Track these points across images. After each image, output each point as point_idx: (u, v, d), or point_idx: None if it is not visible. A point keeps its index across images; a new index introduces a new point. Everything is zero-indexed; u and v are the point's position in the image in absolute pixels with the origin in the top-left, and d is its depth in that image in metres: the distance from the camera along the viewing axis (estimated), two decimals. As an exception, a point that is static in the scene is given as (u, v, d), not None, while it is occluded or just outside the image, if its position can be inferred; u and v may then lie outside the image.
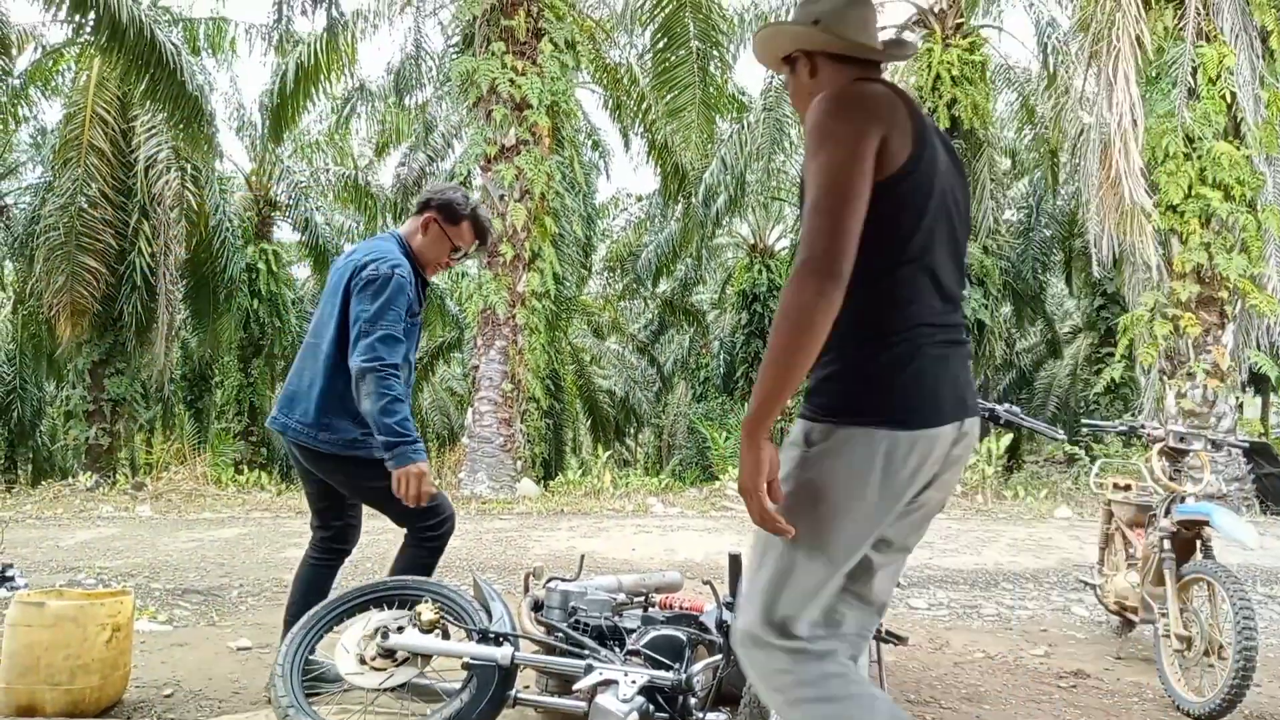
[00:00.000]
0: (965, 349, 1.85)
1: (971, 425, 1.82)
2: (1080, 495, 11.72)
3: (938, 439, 1.73)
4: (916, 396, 1.73)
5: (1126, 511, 4.50)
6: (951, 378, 1.78)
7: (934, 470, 1.77)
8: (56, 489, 13.00)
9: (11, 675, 2.97)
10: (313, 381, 3.04)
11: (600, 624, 2.91)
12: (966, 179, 1.92)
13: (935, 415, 1.73)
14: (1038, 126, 16.57)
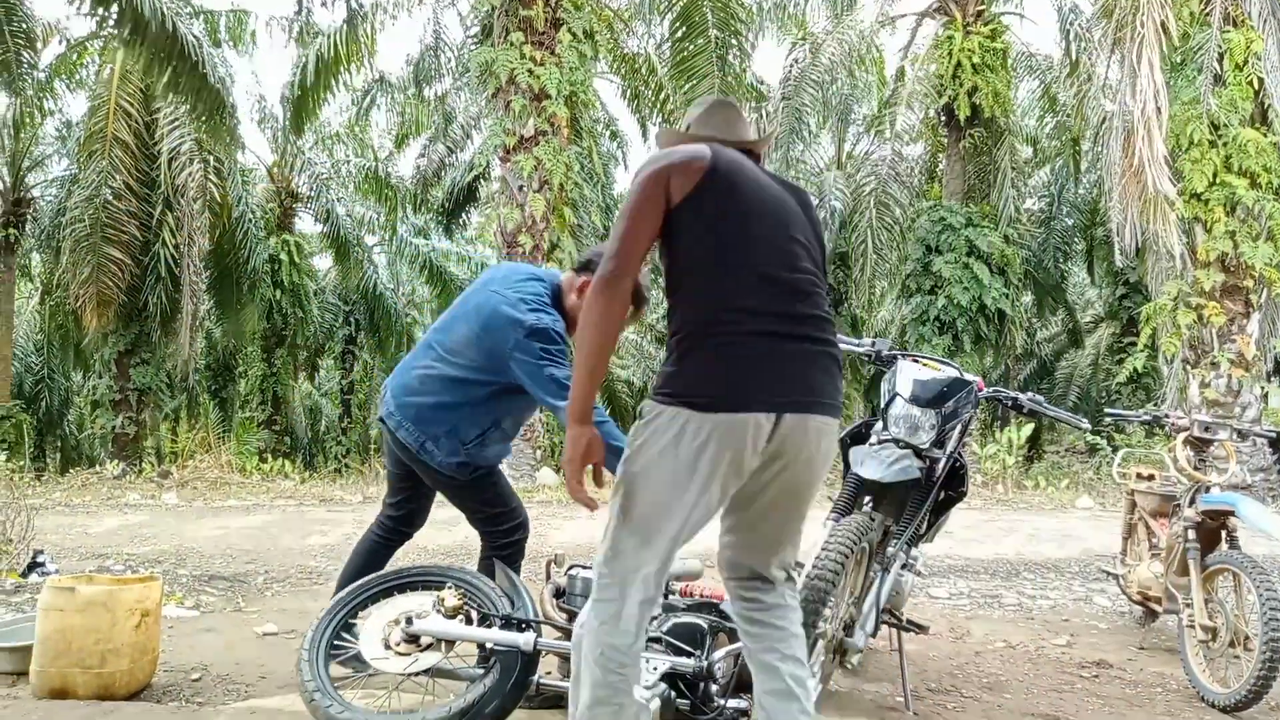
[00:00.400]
0: (813, 350, 2.04)
1: (799, 421, 1.99)
2: (1102, 485, 11.64)
3: (738, 424, 1.93)
4: (718, 384, 1.95)
5: (1150, 501, 4.47)
6: (776, 371, 1.98)
7: (751, 457, 1.96)
8: (84, 477, 13.18)
9: (44, 658, 3.02)
10: (438, 397, 3.05)
11: None
12: (802, 200, 2.19)
13: (738, 403, 1.94)
14: (1059, 114, 16.38)
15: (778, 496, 2.09)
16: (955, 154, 13.72)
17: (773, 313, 2.00)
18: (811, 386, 2.03)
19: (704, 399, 1.95)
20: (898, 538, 2.90)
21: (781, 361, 2.00)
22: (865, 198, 14.22)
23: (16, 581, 5.04)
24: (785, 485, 2.07)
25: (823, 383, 2.05)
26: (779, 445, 1.99)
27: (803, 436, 2.01)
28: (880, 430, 2.95)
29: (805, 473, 2.07)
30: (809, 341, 2.04)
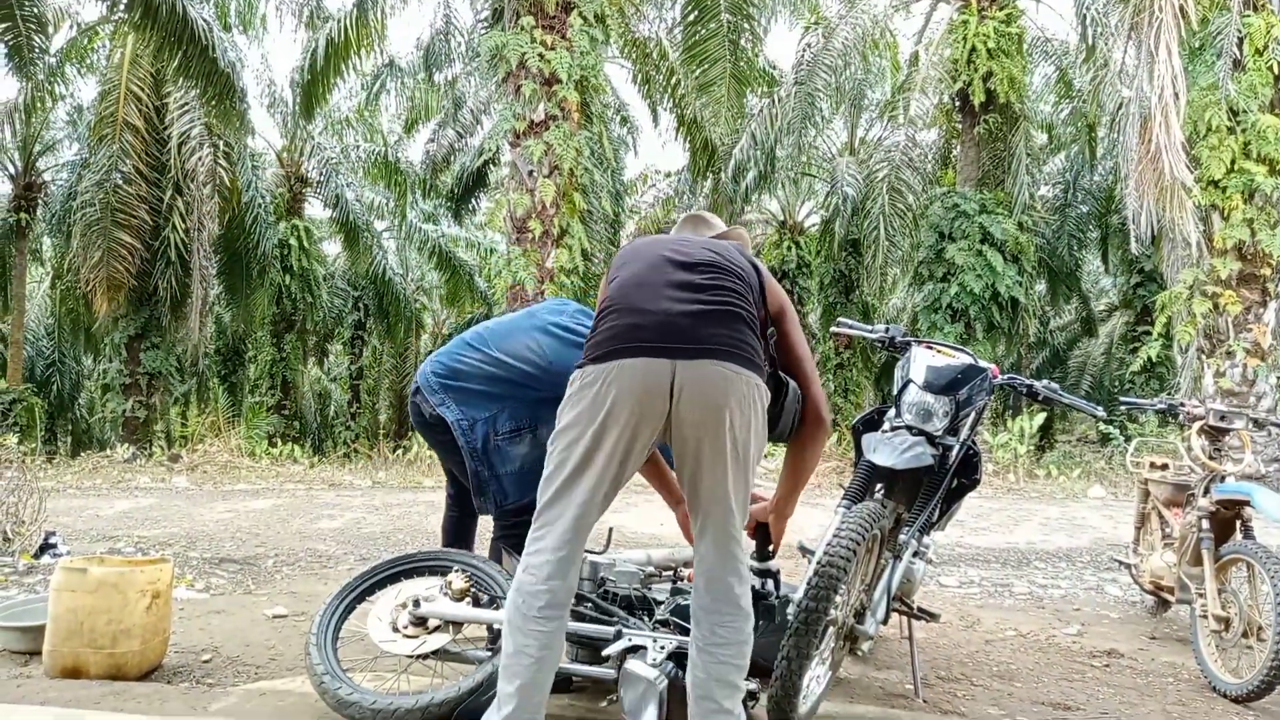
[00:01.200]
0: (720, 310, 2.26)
1: (666, 364, 2.18)
2: (1114, 475, 11.58)
3: (619, 368, 2.19)
4: (603, 345, 2.25)
5: (1164, 491, 4.44)
6: (643, 329, 2.23)
7: (637, 397, 2.17)
8: (95, 460, 13.26)
9: (57, 638, 3.04)
10: (486, 387, 3.30)
11: (629, 594, 2.92)
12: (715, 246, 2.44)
13: (611, 355, 2.21)
14: (1075, 100, 16.22)
15: (688, 433, 2.22)
16: (969, 140, 13.60)
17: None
18: (687, 330, 2.22)
19: (595, 355, 2.25)
20: (910, 525, 2.88)
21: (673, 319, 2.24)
22: (878, 184, 14.12)
23: (29, 562, 5.07)
24: (688, 421, 2.21)
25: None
26: (682, 384, 2.17)
27: (691, 379, 2.20)
28: (893, 417, 2.92)
29: (702, 412, 2.20)
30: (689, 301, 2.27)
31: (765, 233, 20.94)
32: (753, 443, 2.24)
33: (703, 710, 2.24)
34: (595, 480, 2.22)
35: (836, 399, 17.33)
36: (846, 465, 12.06)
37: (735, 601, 2.25)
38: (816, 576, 2.41)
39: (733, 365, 2.20)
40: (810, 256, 18.69)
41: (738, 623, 2.25)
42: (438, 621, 2.78)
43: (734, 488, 2.23)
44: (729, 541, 2.25)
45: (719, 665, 2.22)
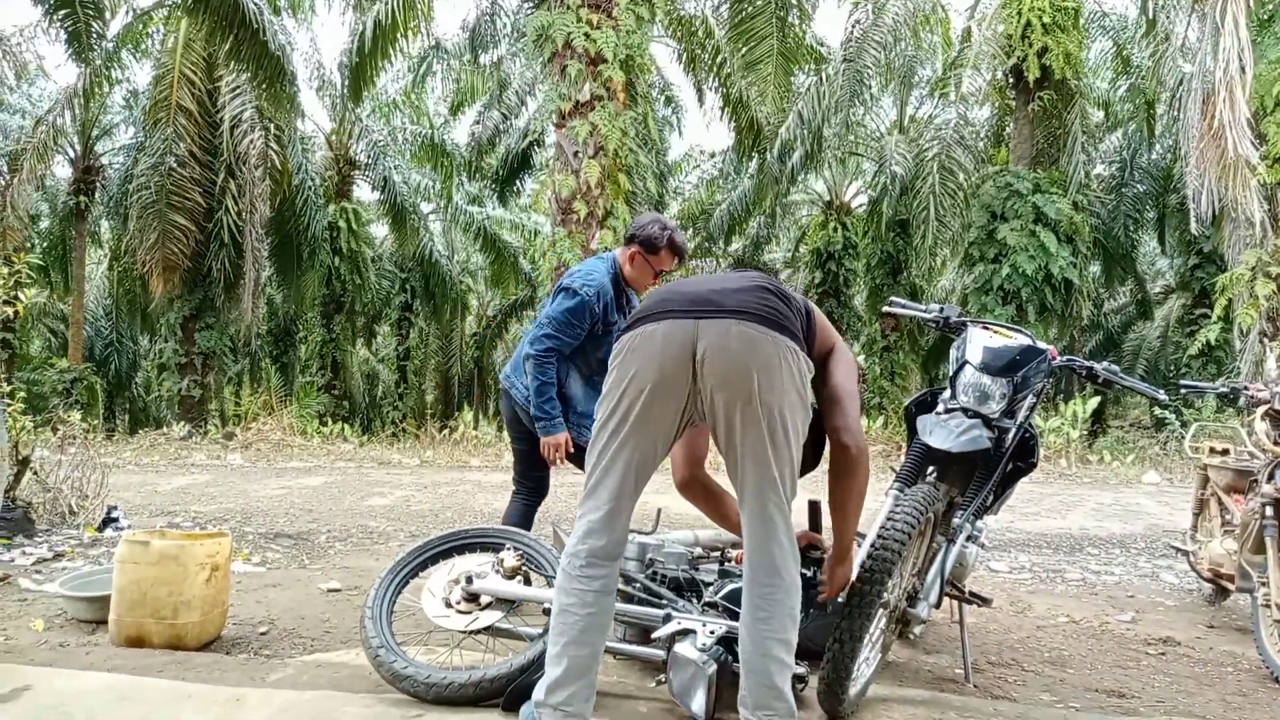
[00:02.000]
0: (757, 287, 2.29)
1: (690, 324, 2.19)
2: (1169, 460, 11.32)
3: (641, 334, 2.23)
4: (634, 317, 2.31)
5: (1224, 476, 4.32)
6: (670, 301, 2.26)
7: (660, 356, 2.18)
8: (153, 437, 13.63)
9: (121, 608, 3.13)
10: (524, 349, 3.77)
11: (677, 576, 2.93)
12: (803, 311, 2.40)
13: (639, 322, 2.27)
14: (1133, 76, 15.77)
15: (714, 400, 2.21)
16: (1023, 117, 13.30)
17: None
18: (709, 298, 2.24)
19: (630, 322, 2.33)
20: (963, 509, 2.84)
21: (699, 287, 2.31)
22: (928, 163, 13.87)
23: (93, 535, 5.23)
24: (712, 384, 2.20)
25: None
26: (707, 345, 2.16)
27: (715, 336, 2.18)
28: (948, 399, 2.87)
29: (728, 371, 2.18)
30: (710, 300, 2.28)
31: (810, 213, 20.73)
32: (787, 408, 2.18)
33: (753, 685, 2.24)
34: (631, 444, 2.23)
35: (883, 382, 17.14)
36: (894, 449, 11.95)
37: (777, 572, 2.22)
38: (870, 559, 2.39)
39: (759, 326, 2.17)
40: (857, 237, 18.46)
41: (780, 594, 2.22)
42: (490, 598, 2.81)
43: (771, 453, 2.18)
44: (768, 507, 2.21)
45: (765, 639, 2.21)
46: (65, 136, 16.32)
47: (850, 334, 19.10)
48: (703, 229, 20.24)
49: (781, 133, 14.19)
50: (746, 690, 2.25)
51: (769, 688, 2.21)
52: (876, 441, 12.77)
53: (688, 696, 2.45)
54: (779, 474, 2.20)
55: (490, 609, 2.79)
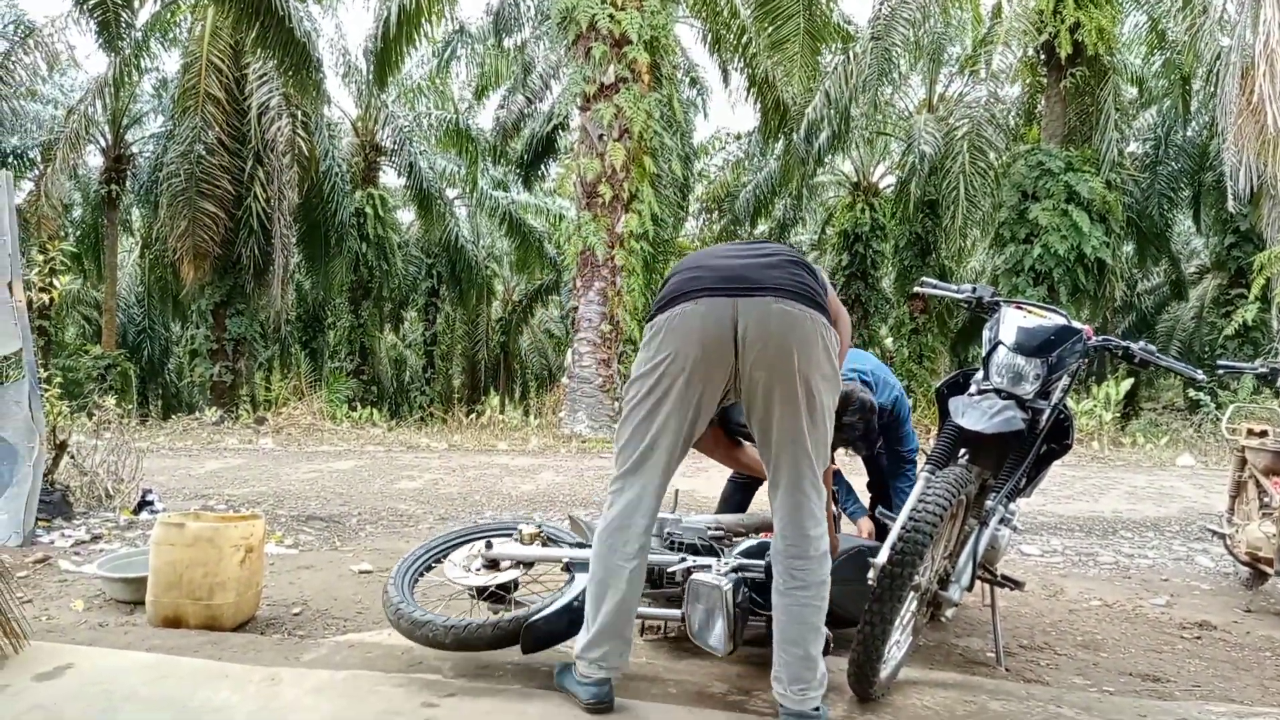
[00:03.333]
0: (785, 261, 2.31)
1: (726, 302, 2.21)
2: (1204, 443, 11.16)
3: (682, 313, 2.25)
4: (666, 295, 2.33)
5: (1263, 459, 4.24)
6: (703, 278, 2.28)
7: (701, 336, 2.21)
8: (185, 422, 13.83)
9: (157, 589, 3.19)
10: None
11: (694, 542, 2.95)
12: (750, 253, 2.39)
13: (674, 301, 2.28)
14: (1168, 51, 15.44)
15: (758, 381, 2.24)
16: (1055, 95, 13.07)
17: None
18: (742, 275, 2.26)
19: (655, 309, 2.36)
20: (996, 491, 2.80)
21: (722, 267, 2.32)
22: (958, 142, 13.68)
23: (129, 518, 5.32)
24: (758, 364, 2.24)
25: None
26: (749, 323, 2.19)
27: (757, 314, 2.21)
28: (980, 380, 2.83)
29: (773, 350, 2.21)
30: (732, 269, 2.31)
31: (837, 194, 20.55)
32: (823, 383, 2.23)
33: (788, 658, 2.26)
34: (673, 422, 2.28)
35: (911, 364, 17.01)
36: (922, 432, 11.87)
37: (810, 544, 2.27)
38: (901, 541, 2.37)
39: (795, 304, 2.21)
40: (885, 219, 18.28)
41: (813, 565, 2.26)
42: (509, 564, 2.86)
43: (807, 428, 2.22)
44: (803, 482, 2.26)
45: (799, 608, 2.26)
46: (96, 126, 16.52)
47: (878, 316, 18.95)
48: (728, 211, 20.15)
49: (808, 113, 14.06)
50: (780, 665, 2.28)
51: (804, 658, 2.25)
52: (905, 424, 12.70)
53: (706, 631, 2.47)
54: (813, 449, 2.25)
55: (508, 570, 2.84)
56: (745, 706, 2.47)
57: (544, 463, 8.96)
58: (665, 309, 2.29)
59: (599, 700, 2.33)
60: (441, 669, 2.69)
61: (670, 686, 2.60)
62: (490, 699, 2.46)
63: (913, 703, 2.55)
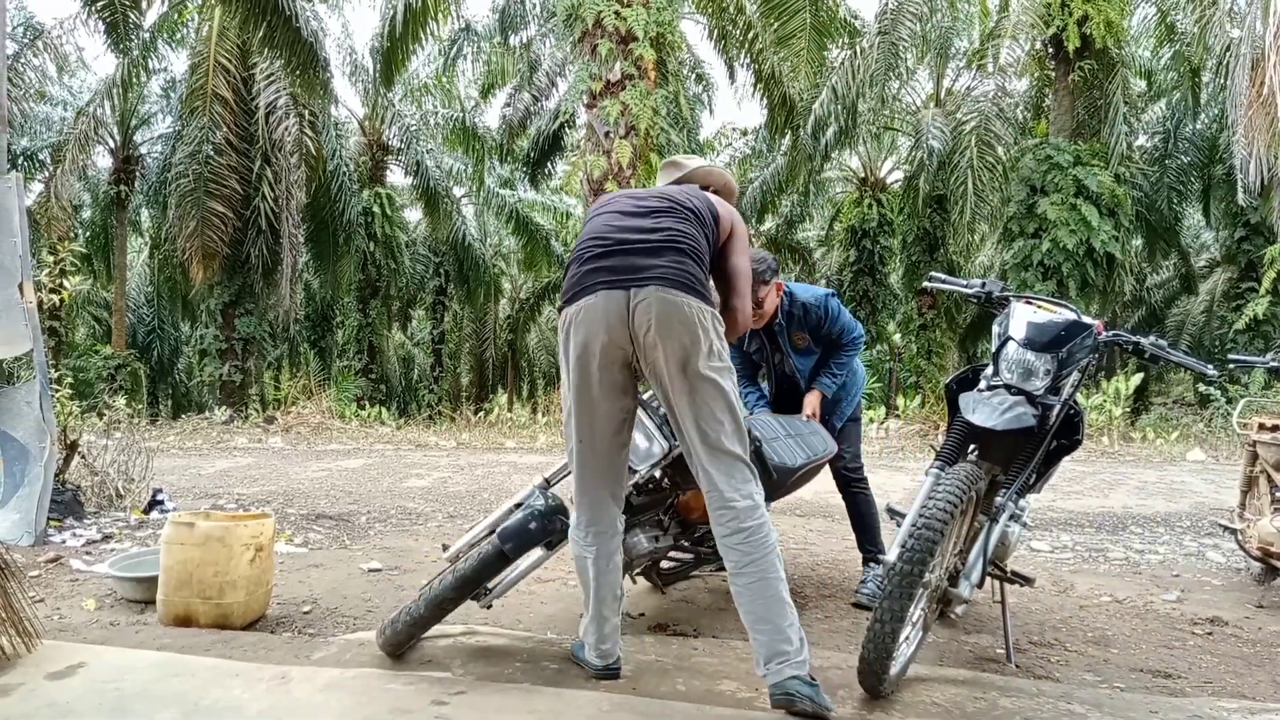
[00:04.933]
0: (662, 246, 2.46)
1: (621, 294, 2.39)
2: (1214, 438, 11.10)
3: (584, 307, 2.42)
4: (568, 290, 2.50)
5: (1274, 453, 4.21)
6: (605, 268, 2.44)
7: (603, 327, 2.39)
8: (195, 422, 13.88)
9: (168, 589, 3.20)
10: None
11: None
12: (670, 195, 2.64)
13: (578, 295, 2.44)
14: (1178, 44, 15.34)
15: (658, 367, 2.43)
16: (1063, 88, 13.01)
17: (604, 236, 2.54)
18: (634, 268, 2.42)
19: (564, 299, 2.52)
20: (1006, 487, 2.79)
21: (617, 258, 2.46)
22: (965, 136, 13.62)
23: (139, 517, 5.34)
24: (651, 354, 2.44)
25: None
26: (640, 316, 2.38)
27: (647, 304, 2.39)
28: (990, 375, 2.82)
29: (662, 341, 2.39)
30: (630, 242, 2.48)
31: (845, 190, 20.50)
32: (713, 363, 2.39)
33: (759, 638, 2.36)
34: (599, 417, 2.49)
35: (920, 360, 16.96)
36: (931, 429, 11.83)
37: (736, 500, 2.38)
38: (912, 539, 2.37)
39: (675, 291, 2.38)
40: (892, 214, 18.23)
41: (742, 516, 2.37)
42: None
43: (703, 400, 2.39)
44: (712, 452, 2.40)
45: (757, 583, 2.35)
46: (105, 127, 16.59)
47: (886, 312, 18.90)
48: (735, 207, 20.06)
49: (815, 108, 14.01)
50: (756, 648, 2.37)
51: (773, 631, 2.34)
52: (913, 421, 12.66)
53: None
54: (714, 424, 2.39)
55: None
56: (753, 704, 2.47)
57: (552, 460, 8.96)
58: (569, 303, 2.47)
59: (603, 670, 2.62)
60: (451, 667, 2.69)
61: (679, 683, 2.61)
62: (500, 696, 2.46)
63: (922, 699, 2.55)
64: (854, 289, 18.21)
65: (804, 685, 2.29)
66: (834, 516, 5.89)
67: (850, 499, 3.99)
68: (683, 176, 2.95)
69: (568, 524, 2.71)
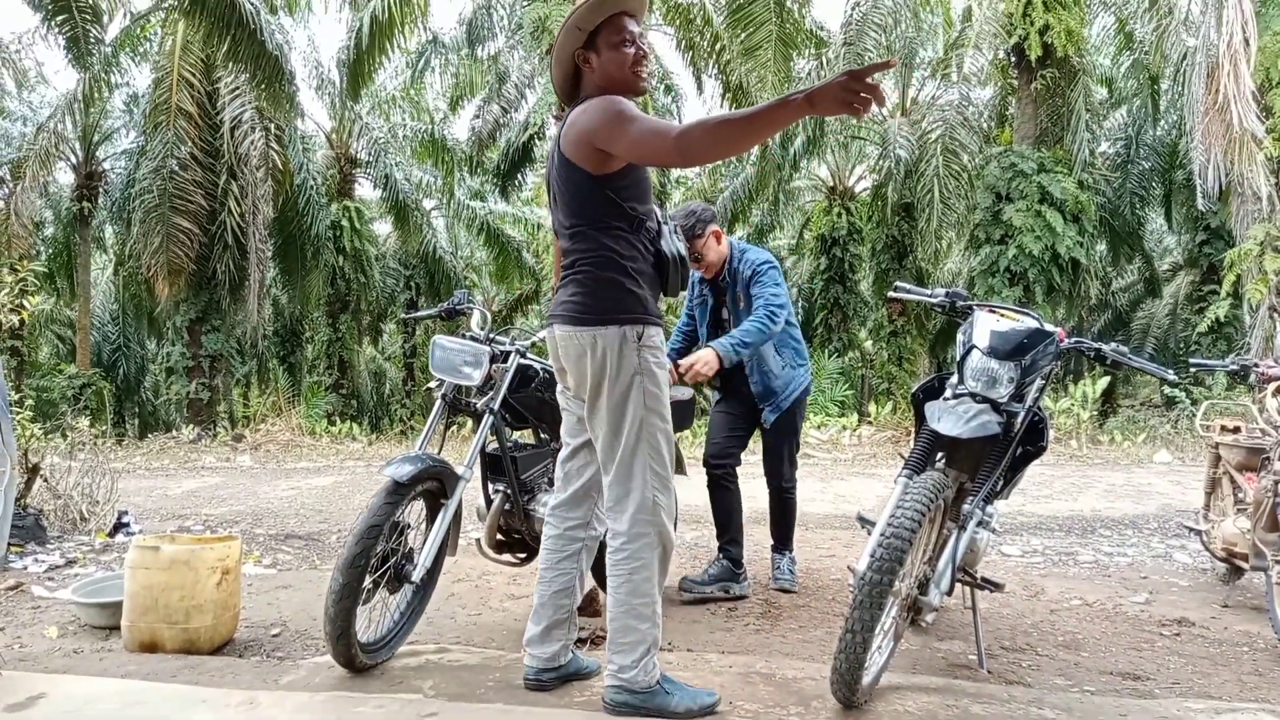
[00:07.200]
0: (568, 278, 2.52)
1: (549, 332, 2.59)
2: (1180, 439, 11.27)
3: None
4: None
5: (1236, 455, 4.29)
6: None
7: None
8: (162, 441, 13.68)
9: (134, 614, 3.14)
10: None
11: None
12: (557, 154, 2.49)
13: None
14: (1137, 52, 15.63)
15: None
16: (1026, 96, 13.20)
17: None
18: (561, 301, 2.53)
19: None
20: (974, 494, 2.82)
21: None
22: (931, 145, 13.78)
23: (104, 540, 5.25)
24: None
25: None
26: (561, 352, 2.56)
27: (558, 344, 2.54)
28: (955, 384, 2.85)
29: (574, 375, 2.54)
30: (572, 264, 2.53)
31: (814, 199, 20.64)
32: (605, 383, 2.43)
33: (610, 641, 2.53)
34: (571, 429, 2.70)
35: (891, 366, 17.09)
36: (903, 435, 11.92)
37: (609, 513, 2.52)
38: (881, 548, 2.38)
39: (565, 327, 2.50)
40: (862, 222, 18.37)
41: (610, 523, 2.52)
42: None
43: (603, 422, 2.46)
44: (607, 467, 2.49)
45: (612, 583, 2.50)
46: (67, 142, 16.33)
47: (857, 319, 19.02)
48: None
49: (783, 119, 14.08)
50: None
51: (619, 629, 2.48)
52: (885, 428, 12.75)
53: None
54: (612, 441, 2.46)
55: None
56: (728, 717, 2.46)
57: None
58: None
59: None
60: (422, 688, 2.66)
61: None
62: (472, 716, 2.44)
63: (896, 708, 2.55)
64: (825, 296, 18.32)
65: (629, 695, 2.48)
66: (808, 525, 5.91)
67: (780, 502, 4.16)
68: (557, 75, 2.57)
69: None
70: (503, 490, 3.30)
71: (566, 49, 2.48)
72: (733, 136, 2.11)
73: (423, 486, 2.92)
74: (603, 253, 2.44)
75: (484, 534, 3.34)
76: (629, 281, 2.44)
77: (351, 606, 2.62)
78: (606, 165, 2.37)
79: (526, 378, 3.29)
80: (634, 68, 2.44)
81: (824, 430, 12.59)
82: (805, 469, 9.47)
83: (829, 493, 7.84)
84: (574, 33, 2.44)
